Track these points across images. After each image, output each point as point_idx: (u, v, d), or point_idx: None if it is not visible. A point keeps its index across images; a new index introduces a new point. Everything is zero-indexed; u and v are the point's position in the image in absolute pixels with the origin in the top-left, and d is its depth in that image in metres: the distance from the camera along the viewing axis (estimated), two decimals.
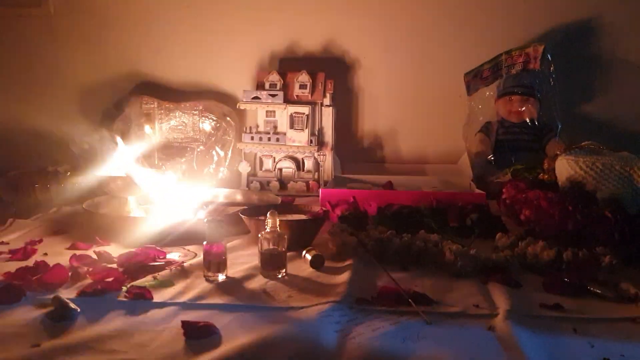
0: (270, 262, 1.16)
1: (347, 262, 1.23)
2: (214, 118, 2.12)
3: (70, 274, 1.13)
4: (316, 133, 2.05)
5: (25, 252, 1.28)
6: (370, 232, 1.32)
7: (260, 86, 2.06)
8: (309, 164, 2.05)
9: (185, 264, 1.21)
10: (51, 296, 1.00)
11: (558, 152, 1.57)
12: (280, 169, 2.04)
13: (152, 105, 2.11)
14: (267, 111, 2.03)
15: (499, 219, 1.50)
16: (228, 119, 2.13)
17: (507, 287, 1.09)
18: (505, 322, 0.93)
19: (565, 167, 1.47)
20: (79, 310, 0.96)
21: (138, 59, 2.24)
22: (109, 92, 2.22)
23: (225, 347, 0.85)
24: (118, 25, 2.22)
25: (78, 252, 1.25)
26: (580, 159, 1.45)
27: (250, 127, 2.05)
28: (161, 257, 1.25)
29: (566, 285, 1.09)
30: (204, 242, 1.14)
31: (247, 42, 2.21)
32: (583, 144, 1.56)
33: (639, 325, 0.96)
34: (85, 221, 1.51)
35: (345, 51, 2.20)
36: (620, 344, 0.88)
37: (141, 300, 1.03)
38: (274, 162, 2.04)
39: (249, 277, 1.15)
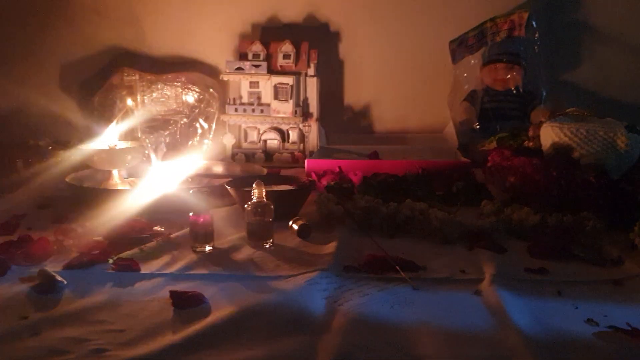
0: (257, 233, 1.16)
1: (334, 232, 1.23)
2: (197, 90, 2.09)
3: (55, 247, 1.12)
4: (301, 104, 2.03)
5: (8, 227, 1.26)
6: (356, 201, 1.32)
7: (243, 56, 2.03)
8: (294, 135, 2.03)
9: (171, 236, 1.20)
10: (37, 269, 1.00)
11: (543, 120, 1.57)
12: (265, 141, 2.02)
13: (134, 78, 2.07)
14: (250, 82, 2.01)
15: (484, 186, 1.51)
16: (211, 90, 2.10)
17: (493, 252, 1.11)
18: (491, 286, 0.94)
19: (550, 134, 1.48)
20: (65, 282, 0.96)
21: (117, 30, 2.18)
22: (88, 64, 2.18)
23: (215, 316, 0.85)
24: None
25: (63, 226, 1.23)
26: (564, 125, 1.45)
27: (234, 99, 2.02)
28: (147, 229, 1.24)
29: (551, 249, 1.11)
30: (190, 214, 1.14)
31: (228, 11, 2.17)
32: (567, 110, 1.56)
33: (622, 287, 0.98)
34: (70, 195, 1.49)
35: (328, 19, 2.17)
36: (603, 305, 0.90)
37: (128, 271, 1.02)
38: (259, 133, 2.02)
39: (236, 247, 1.15)
